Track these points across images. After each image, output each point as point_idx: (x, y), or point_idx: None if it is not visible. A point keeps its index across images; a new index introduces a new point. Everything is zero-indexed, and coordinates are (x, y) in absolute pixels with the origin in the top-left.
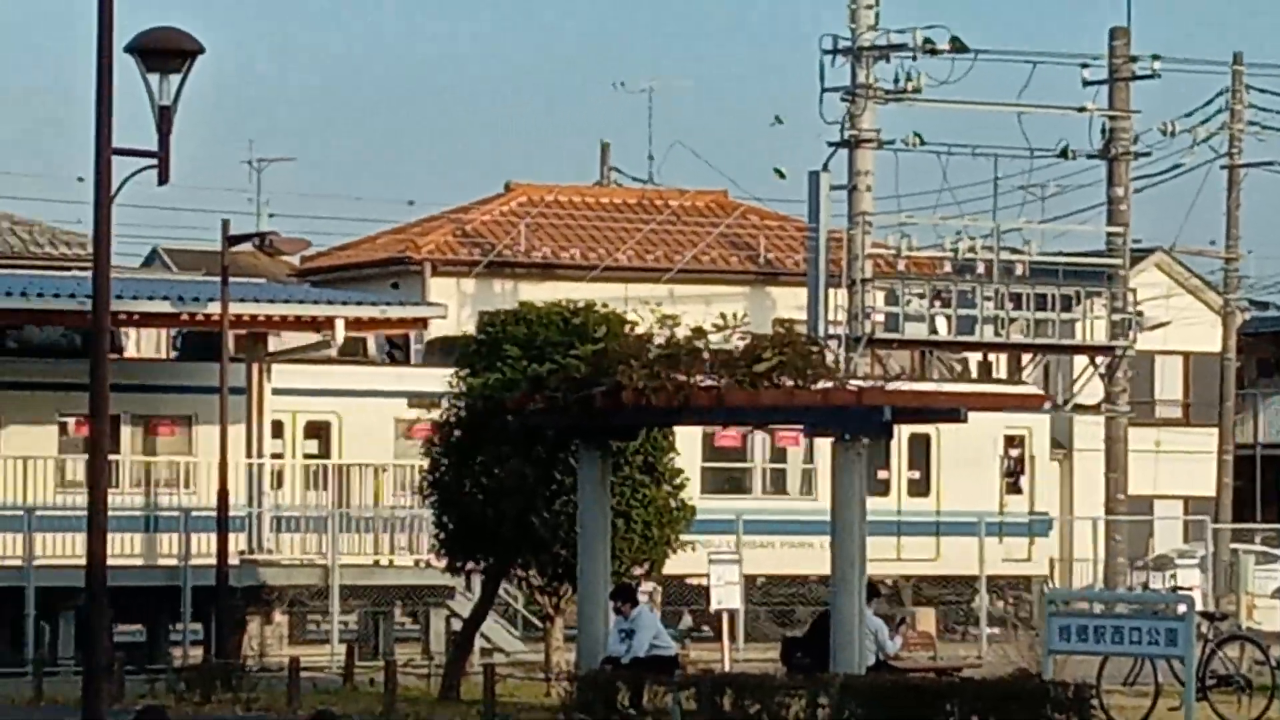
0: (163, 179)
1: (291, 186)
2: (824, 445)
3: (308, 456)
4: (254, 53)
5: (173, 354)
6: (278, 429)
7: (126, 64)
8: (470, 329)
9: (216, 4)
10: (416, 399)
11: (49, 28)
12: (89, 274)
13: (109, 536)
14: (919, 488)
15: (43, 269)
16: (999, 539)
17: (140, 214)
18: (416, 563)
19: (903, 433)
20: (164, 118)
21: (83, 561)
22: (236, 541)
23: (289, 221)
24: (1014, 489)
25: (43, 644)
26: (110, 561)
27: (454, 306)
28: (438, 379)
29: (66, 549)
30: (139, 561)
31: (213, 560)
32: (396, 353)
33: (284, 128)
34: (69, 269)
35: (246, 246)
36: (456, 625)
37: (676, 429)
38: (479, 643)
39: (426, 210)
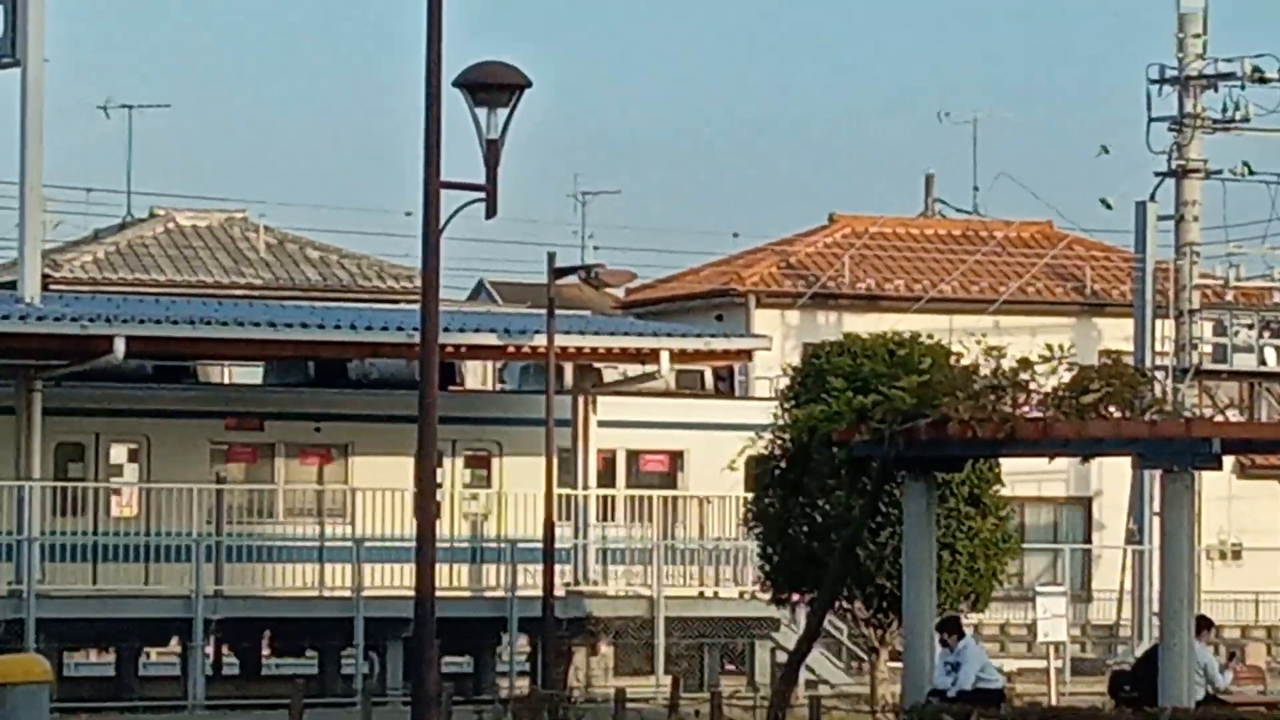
0: (490, 212)
1: (616, 219)
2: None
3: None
4: (580, 86)
5: (499, 385)
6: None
7: (455, 98)
8: (794, 361)
9: (542, 37)
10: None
11: (378, 63)
12: (417, 307)
13: (436, 567)
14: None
15: (371, 302)
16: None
17: (467, 247)
18: (741, 594)
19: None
20: (491, 151)
21: (411, 592)
22: (562, 573)
23: (614, 254)
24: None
25: (371, 674)
26: (438, 592)
27: (778, 338)
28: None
29: (394, 579)
30: (466, 593)
31: (538, 591)
32: (721, 385)
33: (609, 160)
34: (397, 302)
35: (572, 279)
36: (781, 657)
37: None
38: (804, 675)
39: (751, 242)
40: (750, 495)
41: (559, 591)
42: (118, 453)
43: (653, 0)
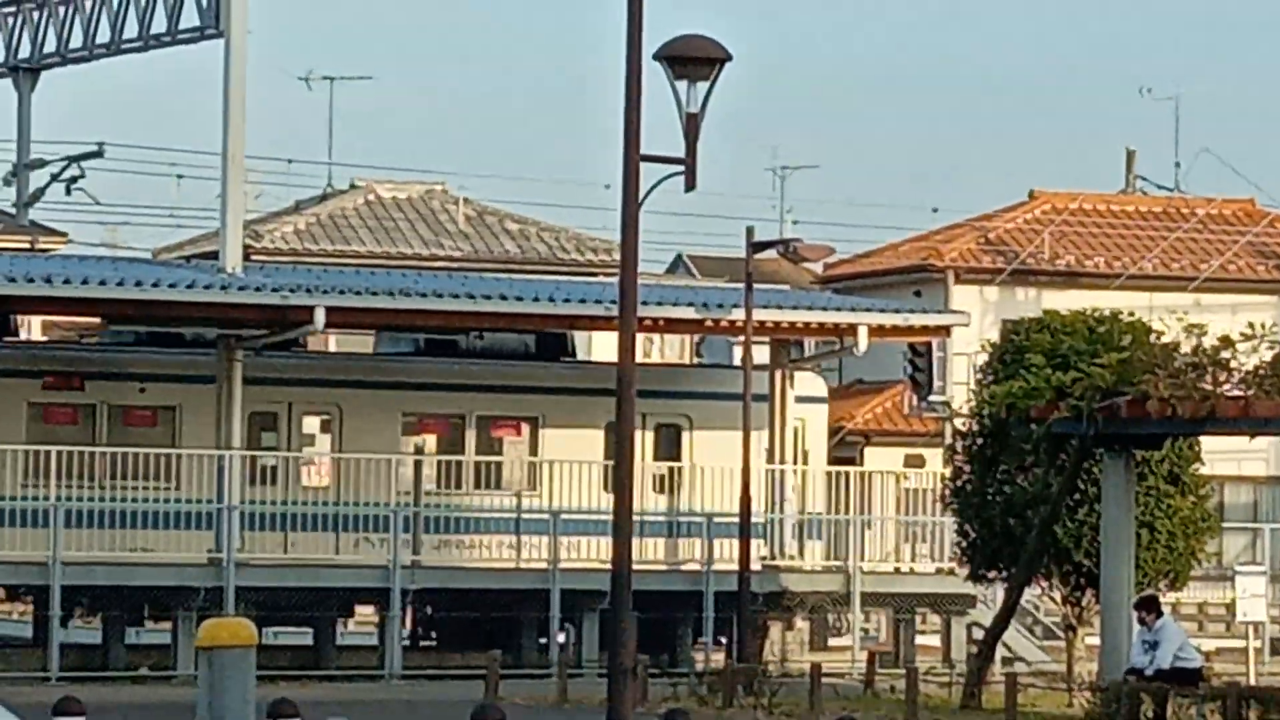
0: (689, 185)
1: (815, 194)
2: (552, 436)
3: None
4: (779, 60)
5: (696, 359)
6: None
7: (655, 71)
8: (993, 337)
9: (743, 11)
10: None
11: (579, 35)
12: (616, 280)
13: (634, 541)
14: (666, 483)
15: (569, 274)
16: (764, 540)
17: (666, 220)
18: (938, 570)
19: (648, 422)
20: (691, 124)
21: (608, 565)
22: (758, 548)
23: (812, 228)
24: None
25: (567, 646)
26: (634, 566)
27: (976, 314)
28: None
29: (592, 552)
30: (662, 566)
31: (734, 565)
32: (919, 360)
33: (808, 135)
34: (596, 275)
35: (770, 253)
36: (978, 633)
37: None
38: (1000, 651)
39: (950, 218)
40: (948, 472)
41: (755, 566)
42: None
43: None
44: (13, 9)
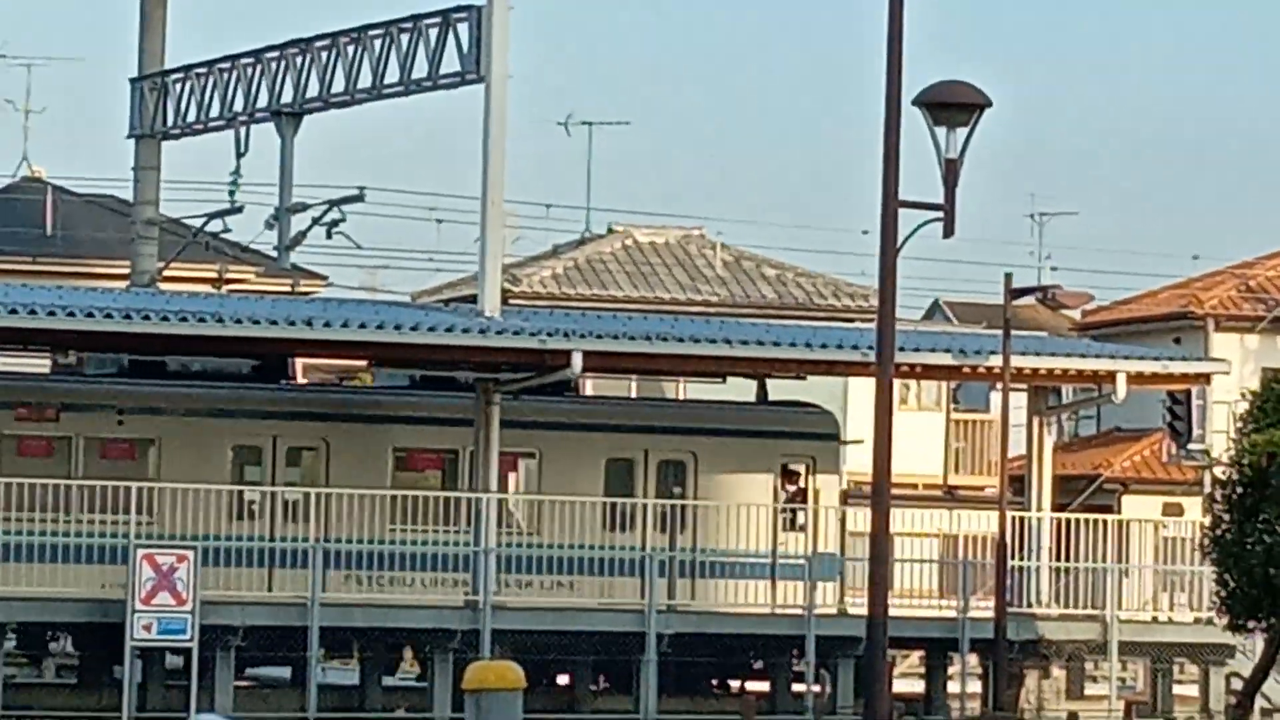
0: (948, 231)
1: (1073, 240)
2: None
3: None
4: (1037, 104)
5: (953, 405)
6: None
7: (913, 116)
8: (1253, 385)
9: (1002, 57)
10: None
11: (836, 81)
12: (873, 325)
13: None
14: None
15: (827, 320)
16: (770, 581)
17: (922, 266)
18: (1197, 620)
19: (650, 458)
20: (950, 170)
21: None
22: (1014, 595)
23: (1070, 275)
24: (793, 526)
25: (822, 692)
26: (892, 611)
27: (1237, 362)
28: None
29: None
30: (918, 612)
31: (990, 612)
32: (1178, 408)
33: (1067, 180)
34: (852, 320)
35: (1028, 300)
36: (1237, 684)
37: None
38: (1260, 702)
39: (1210, 265)
40: (1207, 520)
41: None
42: None
43: (1112, 20)
44: (276, 54)
